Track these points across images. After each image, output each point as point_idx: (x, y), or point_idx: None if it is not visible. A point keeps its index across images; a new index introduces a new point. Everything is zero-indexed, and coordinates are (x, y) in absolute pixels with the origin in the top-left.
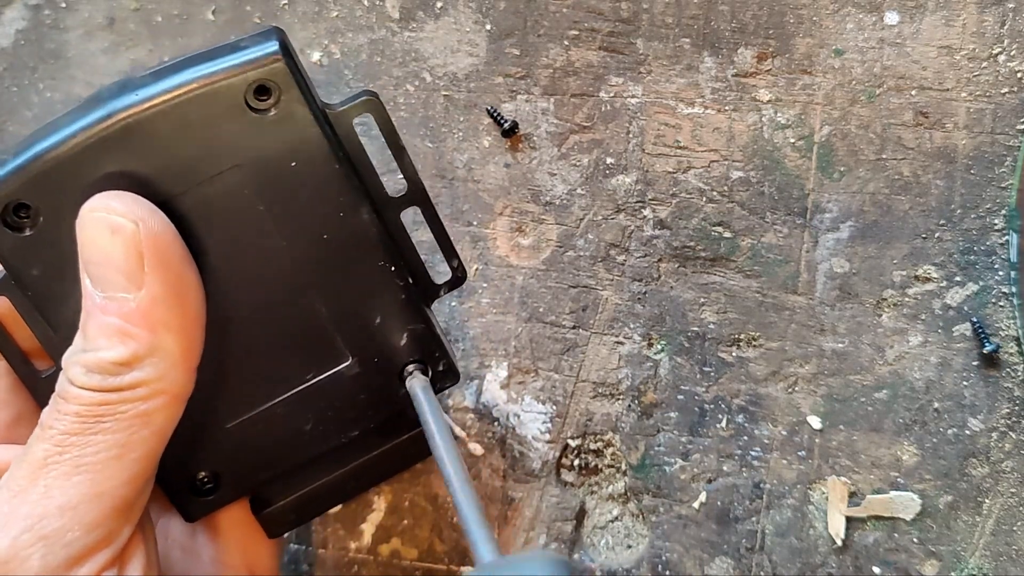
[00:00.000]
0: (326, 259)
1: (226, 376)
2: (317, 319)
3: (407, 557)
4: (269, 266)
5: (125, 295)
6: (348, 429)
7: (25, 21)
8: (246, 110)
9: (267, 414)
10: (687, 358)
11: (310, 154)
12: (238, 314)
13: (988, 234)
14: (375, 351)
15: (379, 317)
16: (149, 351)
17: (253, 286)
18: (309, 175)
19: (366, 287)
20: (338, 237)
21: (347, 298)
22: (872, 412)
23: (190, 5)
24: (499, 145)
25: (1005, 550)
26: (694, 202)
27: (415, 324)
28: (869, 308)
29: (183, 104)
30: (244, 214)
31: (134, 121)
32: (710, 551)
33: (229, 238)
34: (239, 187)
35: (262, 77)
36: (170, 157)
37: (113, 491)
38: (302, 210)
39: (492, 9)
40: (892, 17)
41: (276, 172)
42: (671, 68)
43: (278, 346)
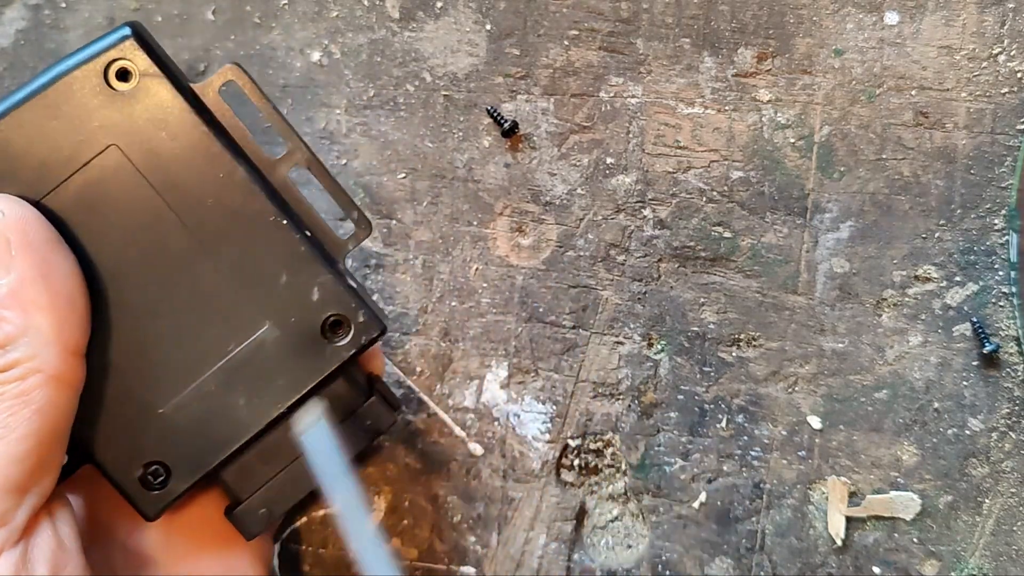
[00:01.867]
0: (218, 225)
1: (148, 360)
2: (225, 287)
3: (407, 557)
4: (166, 240)
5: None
6: (284, 397)
7: (25, 21)
8: (109, 91)
9: (197, 393)
10: (687, 358)
11: (177, 121)
12: (146, 295)
13: (988, 234)
14: (290, 311)
15: (284, 275)
16: (21, 331)
17: (155, 263)
18: (181, 143)
19: (264, 246)
20: (223, 200)
21: (248, 261)
22: (872, 412)
23: (190, 5)
24: (499, 145)
25: (1005, 550)
26: (694, 202)
27: (323, 276)
28: (869, 308)
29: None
30: (131, 191)
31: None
32: (710, 551)
33: (122, 218)
34: (118, 166)
35: (114, 56)
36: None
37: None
38: (182, 179)
39: (492, 9)
40: (892, 17)
41: (150, 145)
42: (671, 68)
43: (193, 321)
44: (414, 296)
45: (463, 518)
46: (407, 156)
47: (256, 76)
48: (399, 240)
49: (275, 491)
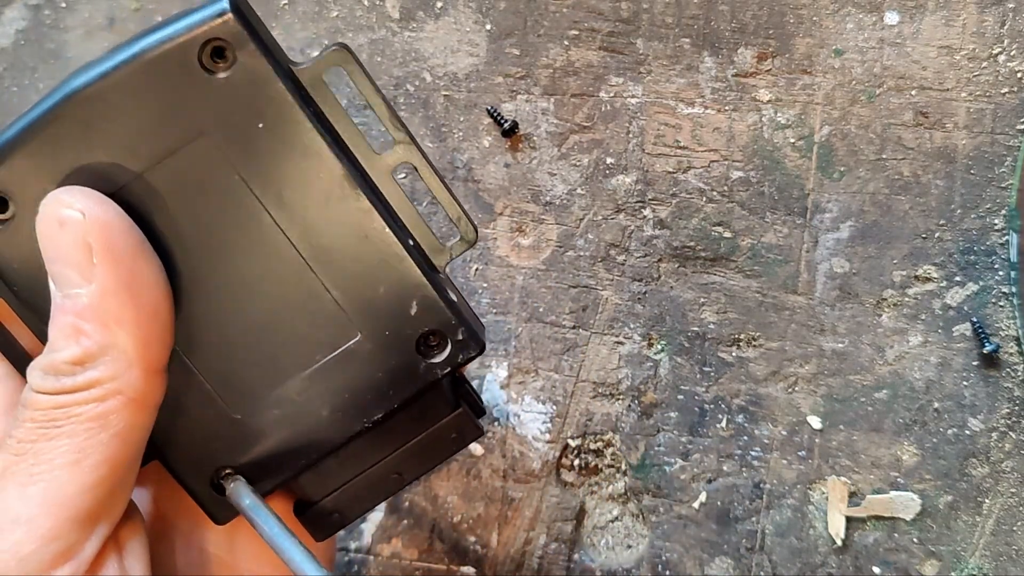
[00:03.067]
0: (314, 227)
1: (229, 364)
2: (316, 293)
3: (407, 557)
4: (256, 240)
5: (78, 290)
6: (370, 412)
7: (25, 21)
8: (202, 73)
9: (278, 400)
10: (687, 358)
11: (278, 113)
12: (230, 295)
13: (988, 234)
14: (385, 324)
15: (382, 286)
16: (102, 349)
17: (244, 263)
18: (280, 135)
19: (364, 254)
20: (323, 201)
21: (345, 268)
22: (872, 412)
23: (190, 5)
24: (499, 145)
25: (1005, 550)
26: (694, 202)
27: (423, 290)
28: (869, 308)
29: (135, 73)
30: (220, 185)
31: (90, 97)
32: (710, 551)
33: (209, 213)
34: (210, 157)
35: (212, 35)
36: (133, 132)
37: (70, 500)
38: (279, 175)
39: (492, 9)
40: (892, 17)
41: (245, 137)
42: (671, 68)
43: (279, 327)
44: None
45: (463, 518)
46: None
47: None
48: None
49: (350, 495)
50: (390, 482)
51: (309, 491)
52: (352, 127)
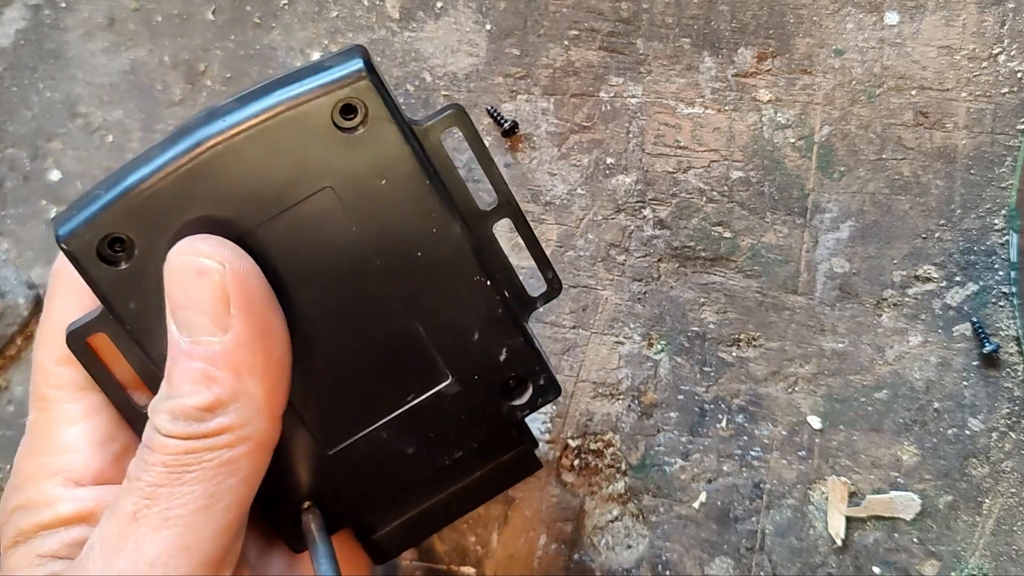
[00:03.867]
0: (421, 277)
1: (326, 402)
2: (414, 338)
3: (407, 557)
4: (364, 287)
5: (210, 338)
6: (452, 450)
7: (25, 21)
8: (334, 130)
9: (369, 439)
10: (687, 358)
11: (400, 172)
12: (334, 338)
13: (988, 234)
14: (475, 368)
15: (477, 333)
16: (233, 396)
17: (349, 309)
18: (400, 193)
19: (462, 303)
20: (432, 254)
21: (444, 315)
22: (872, 412)
23: (190, 5)
24: (499, 145)
25: (1005, 550)
26: (694, 202)
27: (513, 338)
28: (869, 308)
29: (270, 128)
30: (336, 235)
31: (223, 148)
32: (710, 551)
33: (322, 261)
34: (330, 209)
35: (348, 96)
36: (261, 183)
37: (202, 544)
38: (394, 229)
39: (492, 9)
40: (892, 17)
41: (366, 192)
42: (671, 68)
43: (377, 368)
44: None
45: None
46: None
47: (256, 76)
48: None
49: (413, 523)
50: (452, 512)
51: (374, 518)
52: (461, 183)
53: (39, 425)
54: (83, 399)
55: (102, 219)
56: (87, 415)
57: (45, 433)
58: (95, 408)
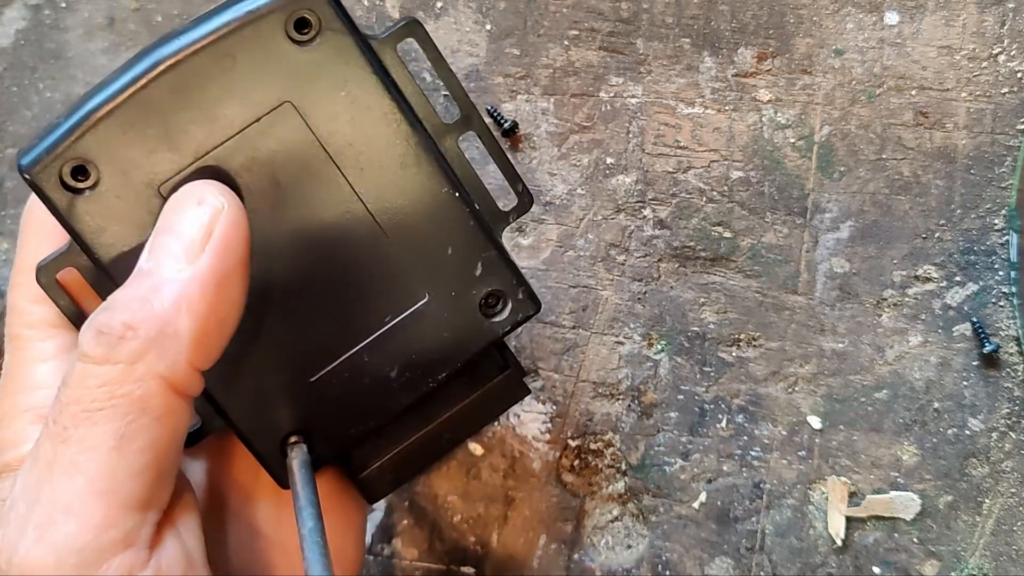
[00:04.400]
0: (388, 193)
1: (302, 328)
2: (387, 257)
3: (407, 557)
4: (332, 206)
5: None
6: (436, 371)
7: (25, 21)
8: (289, 44)
9: (350, 364)
10: (687, 358)
11: (358, 82)
12: (306, 258)
13: (988, 234)
14: (451, 284)
15: (450, 248)
16: (161, 327)
17: (320, 228)
18: (360, 106)
19: (433, 218)
20: (397, 168)
21: (415, 231)
22: (872, 412)
23: (190, 5)
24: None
25: (1005, 550)
26: (694, 202)
27: (487, 252)
28: (869, 308)
29: (225, 44)
30: (300, 151)
31: (179, 67)
32: (710, 551)
33: (289, 178)
34: (292, 123)
35: (301, 8)
36: (219, 100)
37: (118, 487)
38: (357, 143)
39: (492, 9)
40: (892, 17)
41: (327, 105)
42: (671, 68)
43: (351, 290)
44: None
45: (463, 518)
46: None
47: None
48: None
49: (404, 458)
50: (443, 443)
51: (364, 454)
52: (422, 97)
53: (11, 365)
54: (56, 337)
55: (63, 146)
56: (59, 352)
57: (17, 372)
58: (68, 345)
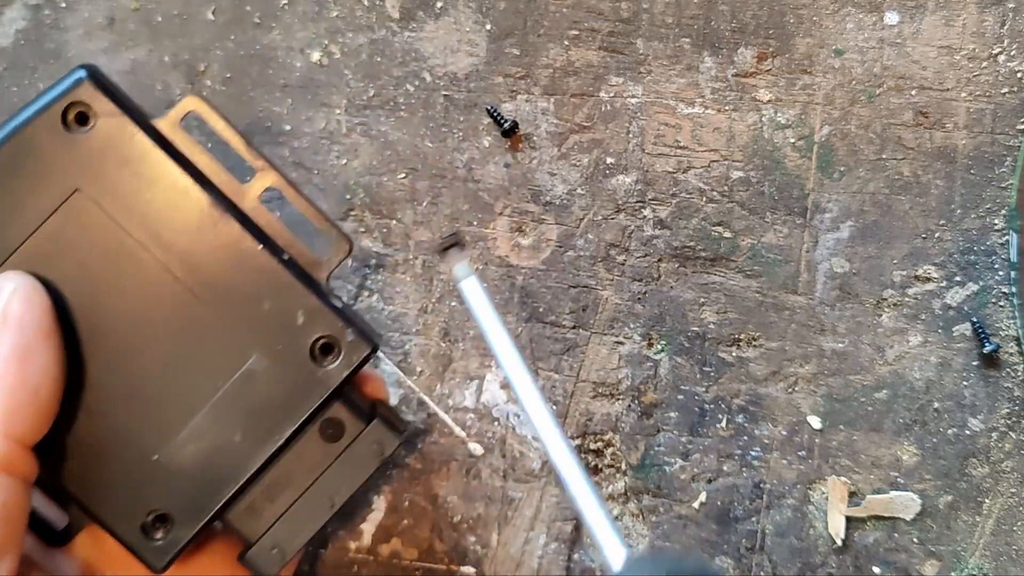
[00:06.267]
0: (194, 258)
1: (138, 406)
2: (208, 321)
3: (407, 557)
4: (143, 280)
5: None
6: (281, 428)
7: (25, 21)
8: (69, 136)
9: (192, 434)
10: (687, 358)
11: (142, 160)
12: (129, 337)
13: (988, 234)
14: (276, 339)
15: (266, 302)
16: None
17: (135, 304)
18: (148, 181)
19: (243, 276)
20: (197, 233)
21: (229, 292)
22: (872, 412)
23: (190, 5)
24: (499, 145)
25: (1005, 550)
26: (694, 202)
27: (306, 299)
28: (869, 308)
29: (7, 152)
30: (101, 234)
31: None
32: (710, 551)
33: (96, 262)
34: (86, 209)
35: (73, 100)
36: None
37: None
38: (154, 216)
39: (492, 9)
40: (892, 17)
41: (116, 185)
42: (671, 68)
43: (180, 361)
44: (414, 296)
45: (463, 518)
46: (407, 156)
47: (256, 76)
48: (399, 240)
49: (286, 528)
50: (322, 507)
51: (247, 531)
52: (214, 164)
53: None
54: None
55: None
56: None
57: None
58: None
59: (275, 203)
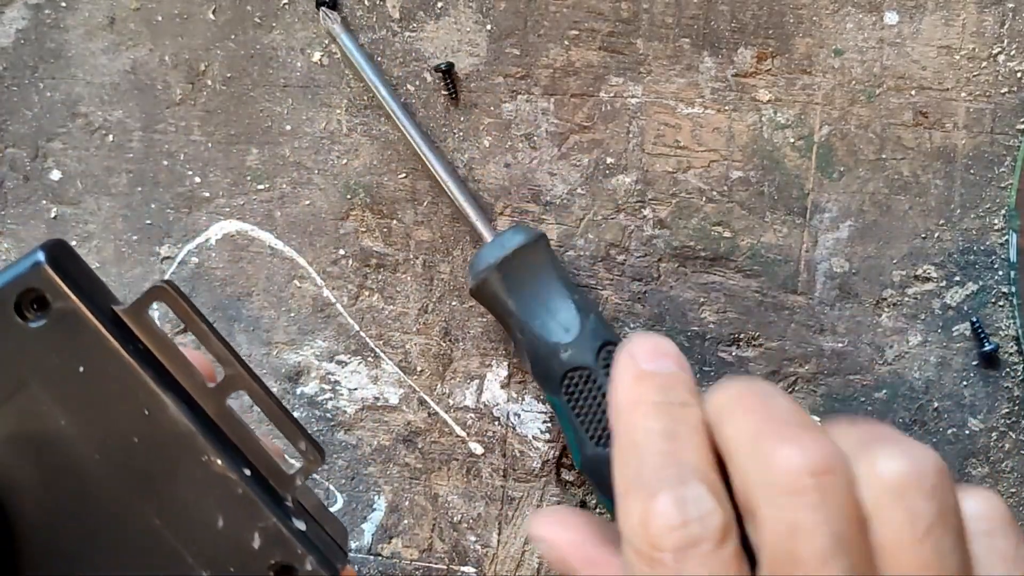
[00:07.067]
0: (145, 466)
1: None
2: (156, 535)
3: (407, 557)
4: (90, 486)
5: None
6: None
7: (25, 20)
8: (20, 324)
9: None
10: (687, 358)
11: (97, 355)
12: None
13: (988, 234)
14: (228, 560)
15: (221, 520)
16: None
17: (79, 510)
18: (103, 378)
19: (197, 488)
20: (152, 439)
21: (180, 504)
22: (872, 412)
23: (190, 5)
24: (499, 145)
25: None
26: (694, 202)
27: (265, 521)
28: (869, 308)
29: None
30: (47, 434)
31: None
32: None
33: (42, 462)
34: (33, 407)
35: (26, 286)
36: None
37: None
38: (106, 417)
39: (492, 9)
40: (892, 17)
41: (67, 382)
42: (671, 68)
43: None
44: (414, 296)
45: (463, 518)
46: (408, 156)
47: (257, 76)
48: (399, 240)
49: None
50: None
51: None
52: (182, 359)
53: None
54: None
55: None
56: None
57: None
58: None
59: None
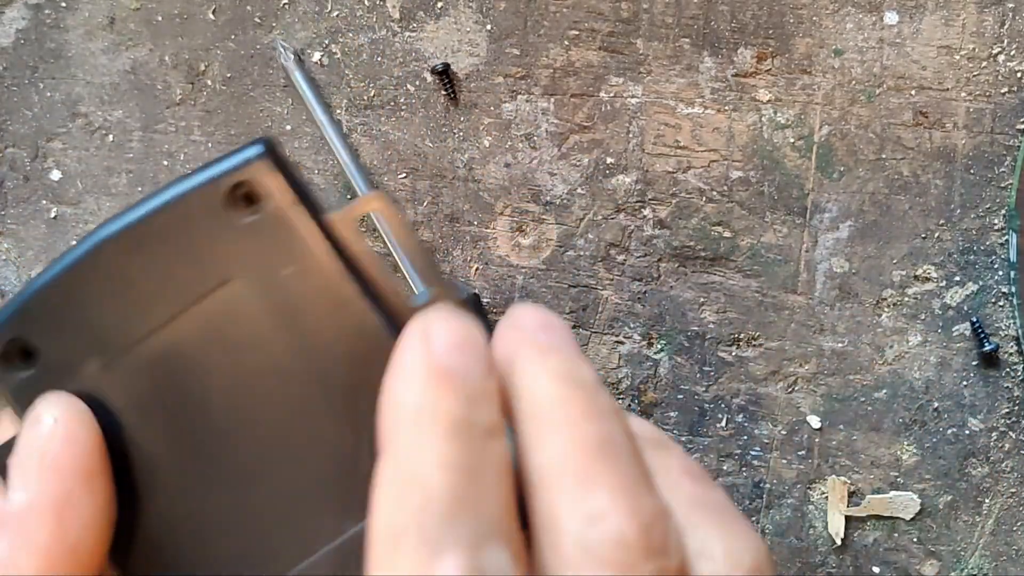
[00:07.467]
0: (345, 382)
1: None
2: (344, 453)
3: None
4: (282, 396)
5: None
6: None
7: (25, 20)
8: (230, 219)
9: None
10: (687, 358)
11: (311, 260)
12: (251, 457)
13: (988, 234)
14: None
15: None
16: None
17: (269, 421)
18: (313, 285)
19: None
20: (351, 354)
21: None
22: (872, 412)
23: (191, 5)
24: (499, 145)
25: (1005, 550)
26: (694, 202)
27: None
28: (869, 308)
29: (164, 221)
30: (246, 335)
31: (114, 247)
32: None
33: (235, 362)
34: (235, 305)
35: (241, 179)
36: (159, 280)
37: None
38: (310, 327)
39: (492, 9)
40: (892, 17)
41: (273, 285)
42: (671, 68)
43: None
44: None
45: None
46: (408, 156)
47: (257, 76)
48: None
49: None
50: None
51: None
52: (386, 275)
53: None
54: None
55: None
56: None
57: None
58: None
59: None
